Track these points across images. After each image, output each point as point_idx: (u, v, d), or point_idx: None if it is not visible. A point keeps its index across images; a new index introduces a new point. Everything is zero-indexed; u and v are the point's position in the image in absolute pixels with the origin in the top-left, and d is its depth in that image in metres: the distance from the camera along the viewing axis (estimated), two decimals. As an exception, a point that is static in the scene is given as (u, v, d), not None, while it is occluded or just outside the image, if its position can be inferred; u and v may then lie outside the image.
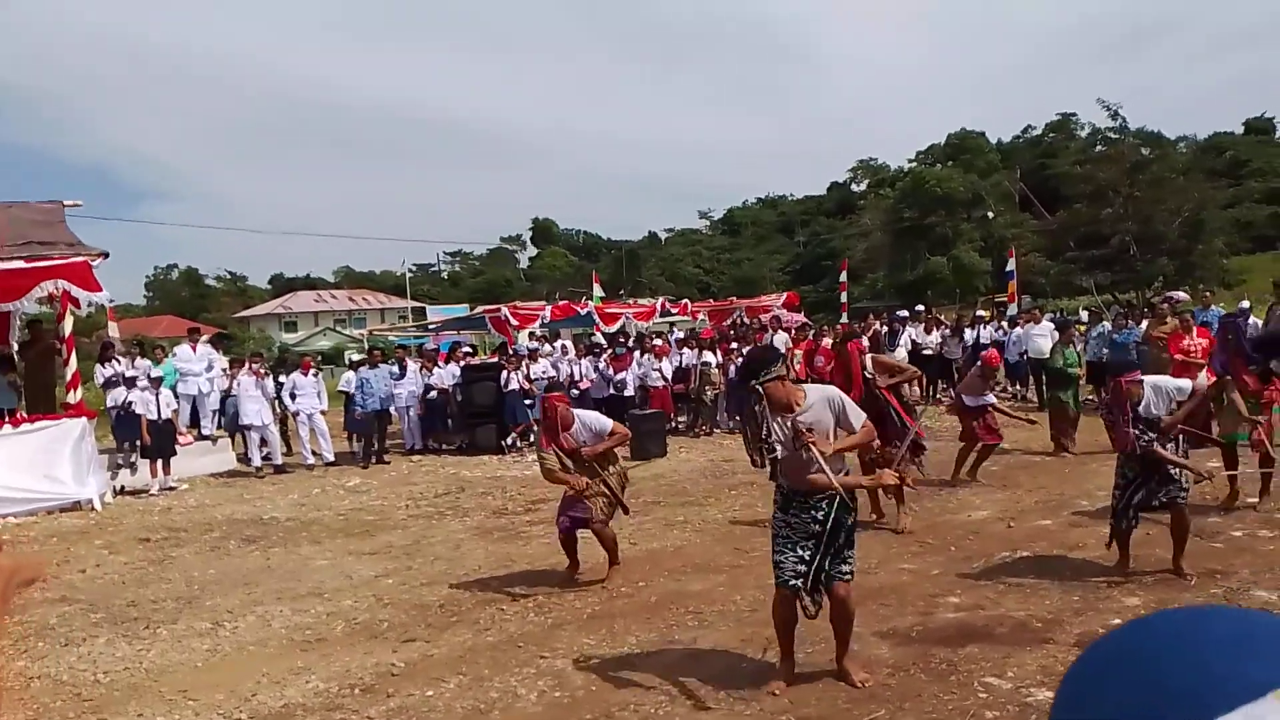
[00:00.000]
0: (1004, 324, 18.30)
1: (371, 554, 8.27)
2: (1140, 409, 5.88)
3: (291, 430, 14.79)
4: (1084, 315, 19.00)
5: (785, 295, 24.77)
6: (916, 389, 9.51)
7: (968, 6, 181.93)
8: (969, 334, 17.25)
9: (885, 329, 17.64)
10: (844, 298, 24.55)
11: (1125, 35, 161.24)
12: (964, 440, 9.88)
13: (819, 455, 4.41)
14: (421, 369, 15.30)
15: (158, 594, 7.27)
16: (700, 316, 21.47)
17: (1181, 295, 21.34)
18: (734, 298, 27.18)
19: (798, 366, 16.70)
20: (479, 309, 24.66)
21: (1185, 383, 6.26)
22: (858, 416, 4.65)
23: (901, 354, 16.99)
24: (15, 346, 13.78)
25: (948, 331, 17.90)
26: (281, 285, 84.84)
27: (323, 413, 14.19)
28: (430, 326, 27.72)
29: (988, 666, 4.76)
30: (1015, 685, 4.51)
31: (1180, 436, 6.15)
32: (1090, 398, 14.31)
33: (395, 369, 14.89)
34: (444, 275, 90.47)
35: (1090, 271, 32.56)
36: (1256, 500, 7.83)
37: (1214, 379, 8.25)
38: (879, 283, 51.72)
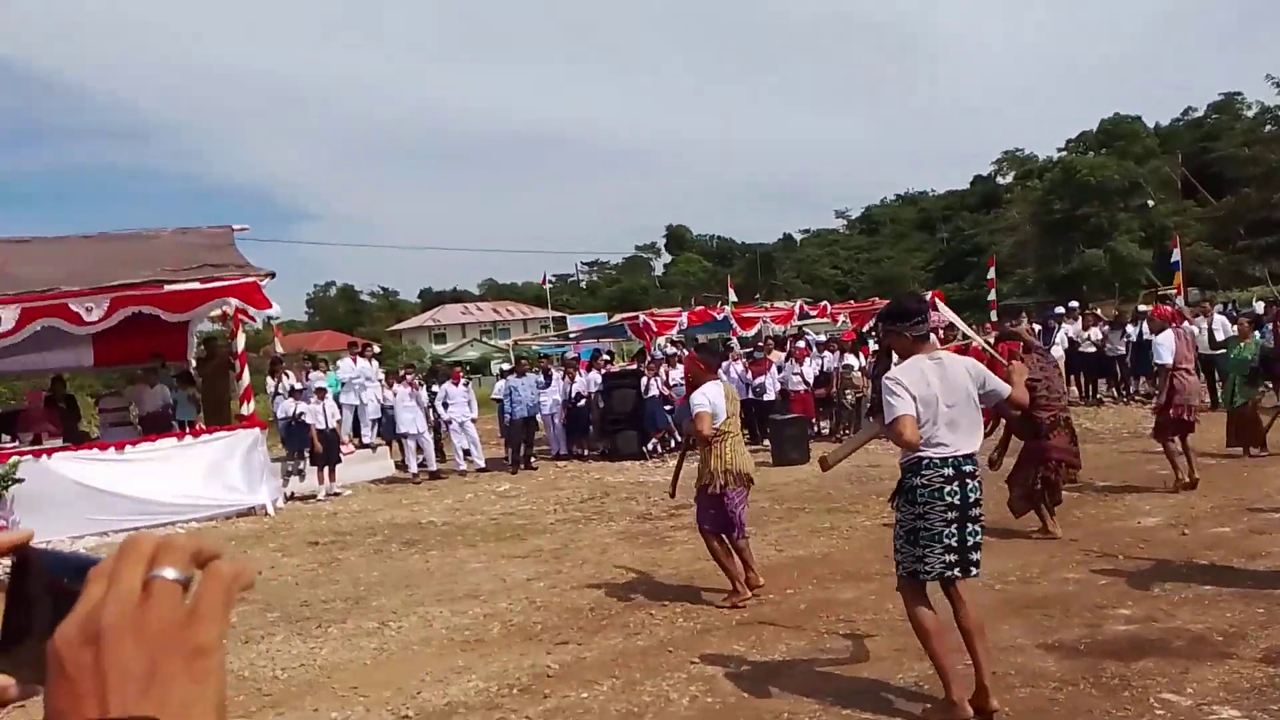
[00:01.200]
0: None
1: (522, 557, 8.51)
2: None
3: (445, 437, 15.39)
4: (1259, 307, 17.66)
5: (930, 294, 24.08)
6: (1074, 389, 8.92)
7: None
8: (1130, 330, 16.28)
9: (1039, 327, 16.90)
10: (992, 295, 23.64)
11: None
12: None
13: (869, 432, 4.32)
14: (564, 377, 15.66)
15: (327, 594, 7.70)
16: (840, 319, 21.09)
17: None
18: (875, 298, 26.56)
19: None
20: (617, 317, 25.01)
21: None
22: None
23: (1058, 352, 16.26)
24: (193, 363, 14.89)
25: (1107, 327, 16.97)
26: (430, 299, 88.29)
27: (473, 420, 14.71)
28: (571, 335, 28.32)
29: (1164, 682, 4.49)
30: (1196, 702, 4.23)
31: None
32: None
33: (541, 378, 15.30)
34: (582, 285, 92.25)
35: (1263, 259, 30.26)
36: None
37: None
38: (1029, 278, 49.58)
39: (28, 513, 10.14)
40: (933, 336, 4.81)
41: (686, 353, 10.98)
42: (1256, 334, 12.52)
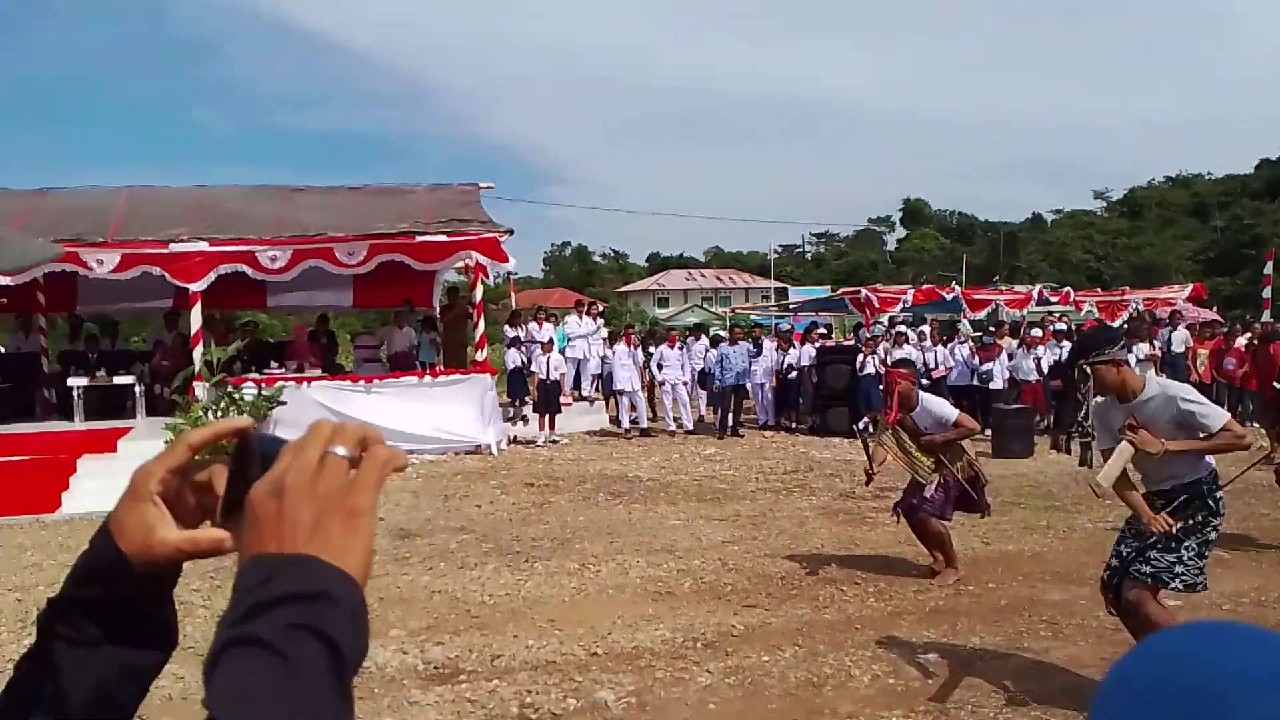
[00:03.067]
0: None
1: (721, 520, 8.66)
2: None
3: (657, 398, 15.79)
4: None
5: (1191, 287, 21.94)
6: None
7: None
8: None
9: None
10: (1266, 293, 21.19)
11: None
12: None
13: (1124, 448, 4.04)
14: (778, 348, 15.61)
15: (537, 533, 8.19)
16: (1085, 307, 19.63)
17: None
18: (1127, 287, 24.50)
19: (1202, 369, 14.81)
20: (840, 291, 24.55)
21: None
22: (1214, 418, 4.11)
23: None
24: (437, 310, 16.07)
25: None
26: (657, 263, 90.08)
27: (685, 384, 15.01)
28: (790, 306, 28.10)
29: None
30: None
31: None
32: None
33: (752, 346, 15.33)
34: (808, 256, 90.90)
35: None
36: None
37: None
38: (1318, 276, 43.94)
39: (285, 433, 11.34)
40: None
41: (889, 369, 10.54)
42: None
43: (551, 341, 14.54)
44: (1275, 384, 6.97)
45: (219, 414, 10.19)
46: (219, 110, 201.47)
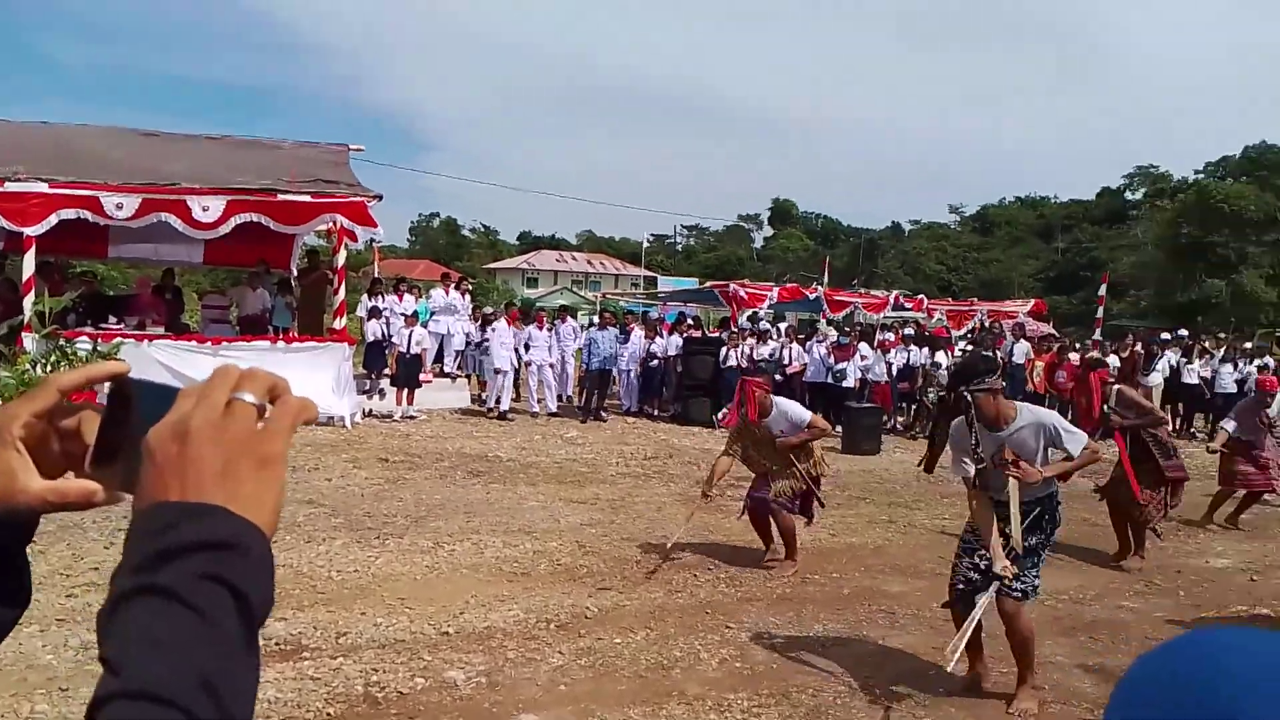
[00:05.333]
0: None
1: (579, 503, 8.68)
2: None
3: (522, 379, 15.66)
4: None
5: (1033, 302, 23.36)
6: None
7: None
8: (1228, 368, 15.66)
9: (1143, 352, 16.28)
10: (1099, 313, 22.80)
11: None
12: (1222, 484, 8.96)
13: (1014, 485, 4.27)
14: (645, 336, 15.73)
15: (390, 510, 7.99)
16: (936, 315, 20.61)
17: None
18: (975, 299, 25.87)
19: (1037, 380, 15.78)
20: (708, 283, 24.94)
21: None
22: (1076, 440, 4.42)
23: (1156, 379, 15.68)
24: (294, 273, 15.42)
25: (1215, 360, 16.25)
26: (528, 242, 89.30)
27: (551, 366, 14.94)
28: (660, 295, 28.37)
29: (1205, 724, 4.37)
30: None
31: None
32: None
33: (620, 333, 15.39)
34: (679, 247, 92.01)
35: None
36: None
37: None
38: (1143, 301, 47.60)
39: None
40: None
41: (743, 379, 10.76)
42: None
43: (414, 315, 14.17)
44: (1104, 408, 7.47)
45: (48, 369, 9.46)
46: (74, 45, 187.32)
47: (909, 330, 17.39)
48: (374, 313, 14.14)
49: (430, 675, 4.55)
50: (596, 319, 16.48)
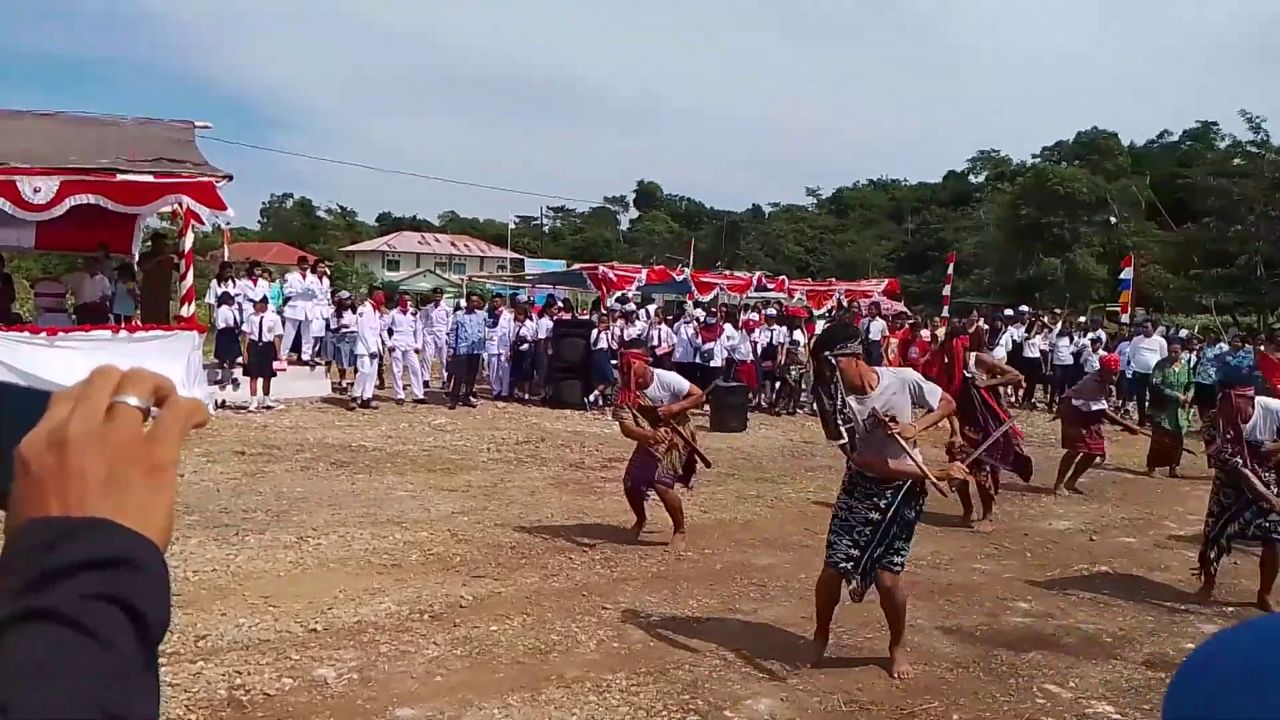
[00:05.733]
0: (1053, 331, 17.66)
1: (451, 491, 8.53)
2: (1246, 429, 5.64)
3: (386, 365, 15.25)
4: (1183, 334, 18.11)
5: (887, 282, 24.31)
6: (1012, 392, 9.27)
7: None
8: (1064, 342, 16.81)
9: (988, 327, 17.20)
10: (947, 291, 23.96)
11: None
12: (1066, 446, 9.65)
13: (903, 442, 4.38)
14: (514, 319, 15.57)
15: (249, 504, 7.65)
16: (797, 295, 21.21)
17: None
18: (833, 279, 26.76)
19: (892, 356, 16.46)
20: (576, 266, 24.88)
21: None
22: (934, 393, 4.62)
23: (1001, 354, 16.57)
24: (137, 257, 14.52)
25: (1053, 334, 17.36)
26: (388, 224, 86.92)
27: (417, 351, 14.61)
28: (527, 278, 28.14)
29: (1050, 674, 4.68)
30: (1076, 696, 4.43)
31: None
32: (1195, 420, 13.69)
33: (488, 316, 15.18)
34: (545, 229, 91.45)
35: (1213, 290, 31.05)
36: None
37: None
38: (986, 279, 50.24)
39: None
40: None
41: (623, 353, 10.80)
42: (1188, 358, 12.88)
43: (266, 300, 13.55)
44: (965, 372, 7.88)
45: None
46: None
47: (771, 310, 17.85)
48: (225, 299, 13.45)
49: (299, 674, 4.39)
50: (464, 302, 16.17)
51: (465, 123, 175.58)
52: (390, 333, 14.39)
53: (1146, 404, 13.40)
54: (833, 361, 4.48)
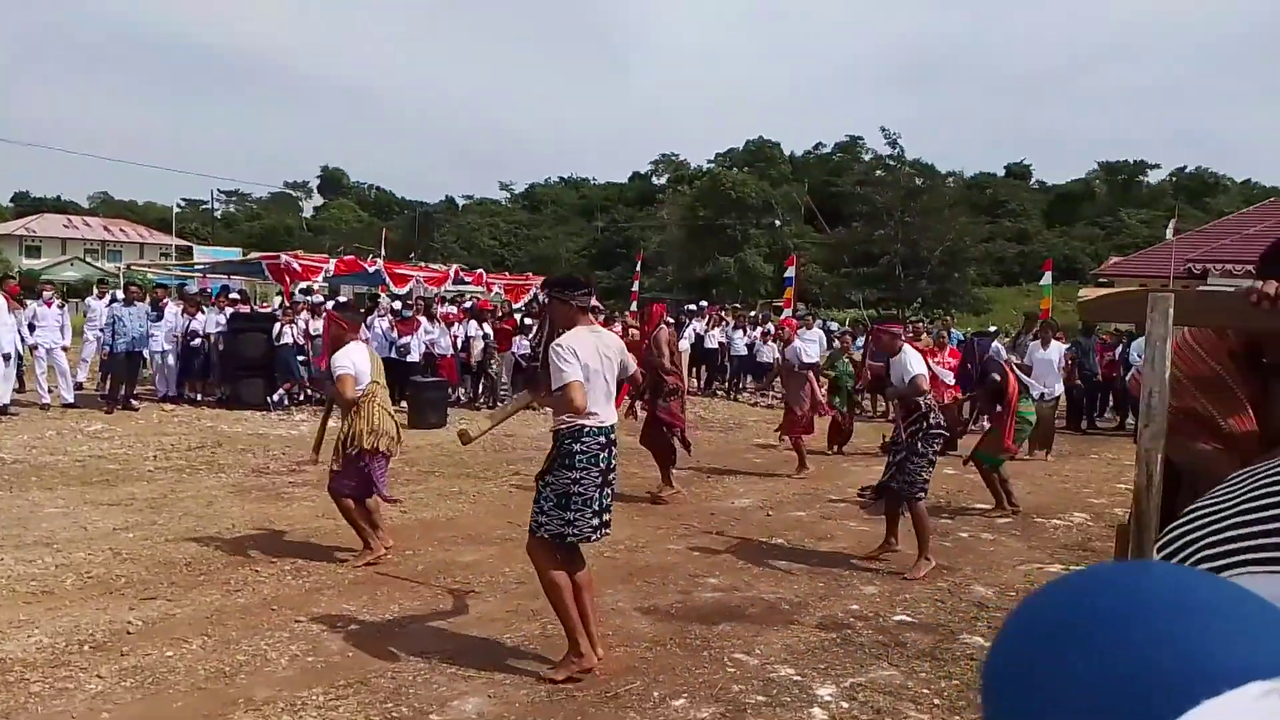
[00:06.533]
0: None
1: (112, 505, 7.63)
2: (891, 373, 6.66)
3: (28, 365, 13.34)
4: (834, 326, 20.43)
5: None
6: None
7: (788, 16, 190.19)
8: (739, 335, 18.27)
9: (672, 321, 18.22)
10: (635, 287, 25.04)
11: (912, 68, 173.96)
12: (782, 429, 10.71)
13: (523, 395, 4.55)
14: (183, 312, 14.21)
15: None
16: (495, 288, 21.18)
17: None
18: (530, 273, 27.03)
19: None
20: (253, 255, 23.17)
21: (921, 371, 6.57)
22: (564, 376, 4.35)
23: (684, 345, 17.61)
24: None
25: (730, 327, 18.73)
26: (27, 204, 76.13)
27: (64, 349, 12.91)
28: (197, 268, 25.80)
29: (738, 644, 5.04)
30: (762, 661, 4.80)
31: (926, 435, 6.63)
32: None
33: (151, 309, 13.72)
34: (217, 215, 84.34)
35: (860, 287, 35.01)
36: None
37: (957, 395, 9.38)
38: (670, 276, 53.16)
39: None
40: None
41: (326, 310, 10.26)
42: (857, 346, 14.42)
43: None
44: (648, 344, 8.47)
45: None
46: None
47: (468, 304, 17.70)
48: None
49: (-81, 733, 3.72)
50: (121, 294, 14.49)
51: (118, 92, 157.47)
52: (32, 328, 12.60)
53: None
54: (545, 300, 4.50)
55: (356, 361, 6.20)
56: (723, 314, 20.61)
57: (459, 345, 15.49)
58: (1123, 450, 12.36)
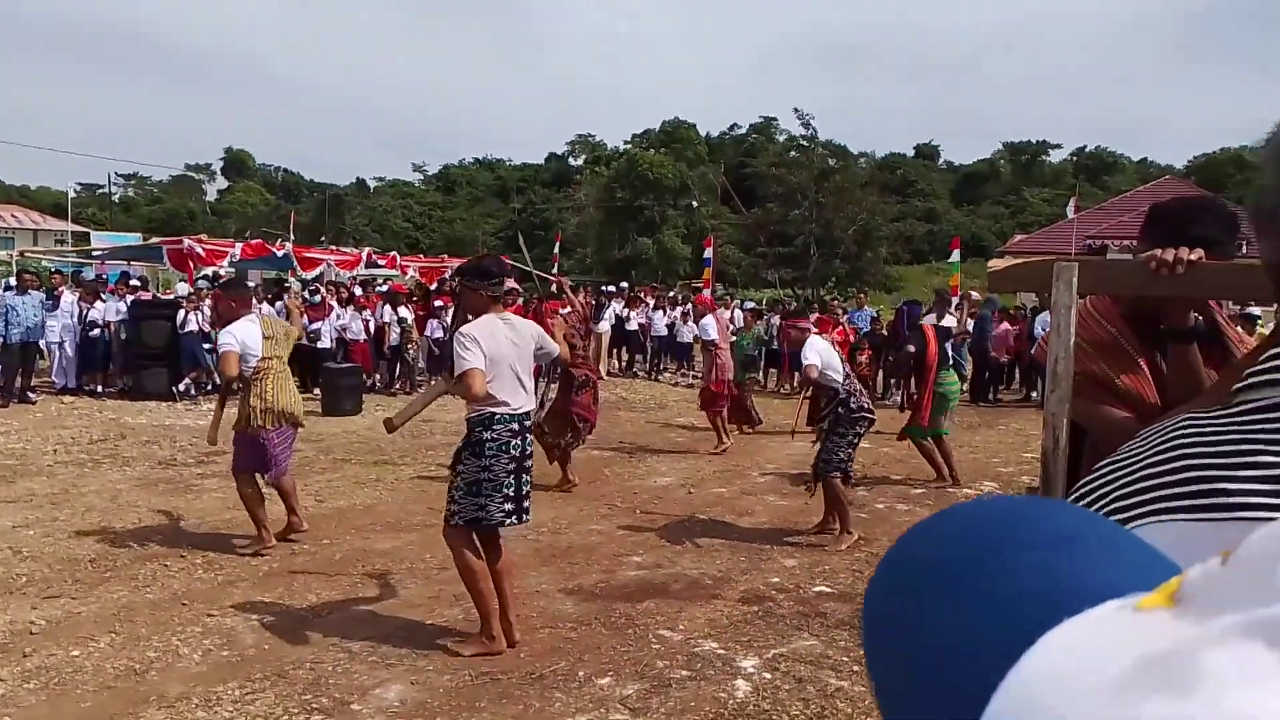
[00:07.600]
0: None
1: (9, 502, 7.29)
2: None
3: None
4: (749, 305, 20.65)
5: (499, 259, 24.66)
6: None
7: None
8: (659, 315, 18.35)
9: (593, 302, 18.17)
10: (554, 269, 24.89)
11: (827, 51, 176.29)
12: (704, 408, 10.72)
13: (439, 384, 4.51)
14: (80, 300, 13.61)
15: None
16: (410, 271, 20.80)
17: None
18: (445, 255, 26.66)
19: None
20: (154, 240, 22.26)
21: (811, 361, 6.63)
22: (466, 364, 4.31)
23: (605, 327, 17.62)
24: None
25: (649, 309, 18.78)
26: (-97, 188, 71.84)
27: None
28: (95, 254, 24.71)
29: (662, 620, 5.08)
30: (685, 637, 4.85)
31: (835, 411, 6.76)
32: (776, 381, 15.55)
33: (46, 298, 13.11)
34: (115, 199, 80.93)
35: (776, 267, 35.44)
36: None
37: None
38: (588, 258, 53.00)
39: None
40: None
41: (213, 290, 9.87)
42: (758, 326, 14.60)
43: None
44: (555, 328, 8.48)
45: None
46: None
47: (383, 287, 17.35)
48: None
49: None
50: (14, 281, 13.79)
51: (3, 72, 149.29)
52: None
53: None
54: (457, 288, 4.46)
55: (241, 336, 6.05)
56: (642, 295, 20.68)
57: (372, 330, 15.19)
58: (1029, 421, 12.82)
